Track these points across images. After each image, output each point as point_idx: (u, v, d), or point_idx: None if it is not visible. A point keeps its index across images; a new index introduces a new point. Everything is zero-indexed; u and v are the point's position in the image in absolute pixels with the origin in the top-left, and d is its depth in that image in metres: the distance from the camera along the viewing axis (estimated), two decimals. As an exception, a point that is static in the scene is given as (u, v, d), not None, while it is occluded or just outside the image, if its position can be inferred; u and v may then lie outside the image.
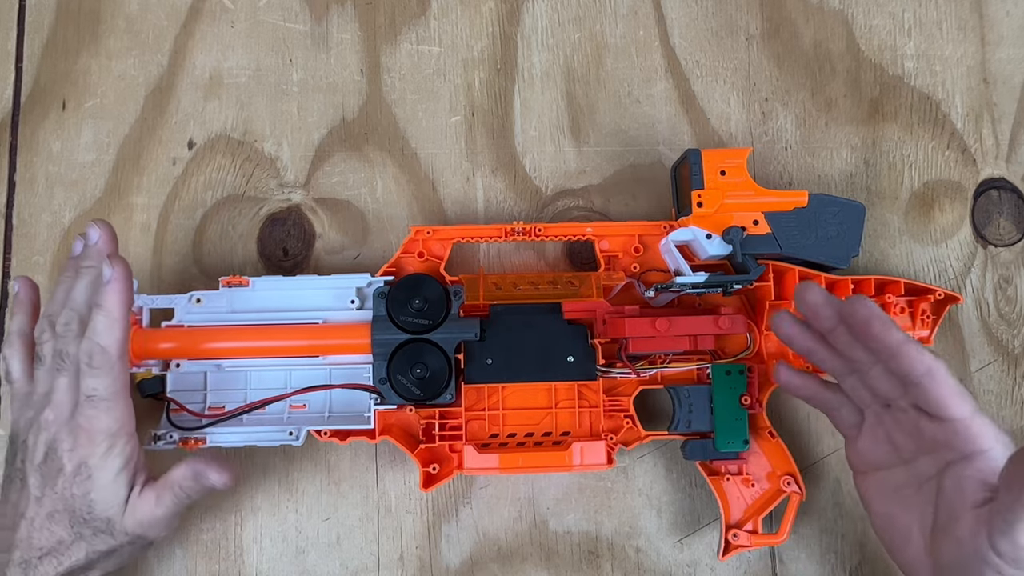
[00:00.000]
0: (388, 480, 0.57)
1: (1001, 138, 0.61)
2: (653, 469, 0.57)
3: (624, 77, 0.62)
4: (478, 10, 0.62)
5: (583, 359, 0.53)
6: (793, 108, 0.61)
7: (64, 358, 0.48)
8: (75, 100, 0.61)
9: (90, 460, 0.47)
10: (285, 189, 0.60)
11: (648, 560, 0.56)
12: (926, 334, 0.56)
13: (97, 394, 0.47)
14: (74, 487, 0.47)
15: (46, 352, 0.49)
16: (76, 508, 0.47)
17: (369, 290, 0.54)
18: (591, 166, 0.61)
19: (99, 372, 0.47)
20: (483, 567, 0.56)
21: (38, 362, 0.49)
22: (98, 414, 0.47)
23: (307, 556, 0.56)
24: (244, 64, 0.61)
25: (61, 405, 0.47)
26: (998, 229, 0.61)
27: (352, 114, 0.61)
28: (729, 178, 0.53)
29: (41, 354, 0.49)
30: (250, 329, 0.54)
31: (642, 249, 0.56)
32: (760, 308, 0.55)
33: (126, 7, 0.62)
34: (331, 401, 0.55)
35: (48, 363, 0.49)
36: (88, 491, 0.47)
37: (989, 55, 0.62)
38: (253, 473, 0.56)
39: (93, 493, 0.47)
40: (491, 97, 0.61)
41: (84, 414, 0.47)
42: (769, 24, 0.62)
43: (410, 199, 0.60)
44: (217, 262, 0.59)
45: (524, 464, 0.53)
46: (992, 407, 0.58)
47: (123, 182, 0.60)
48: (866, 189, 0.61)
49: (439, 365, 0.53)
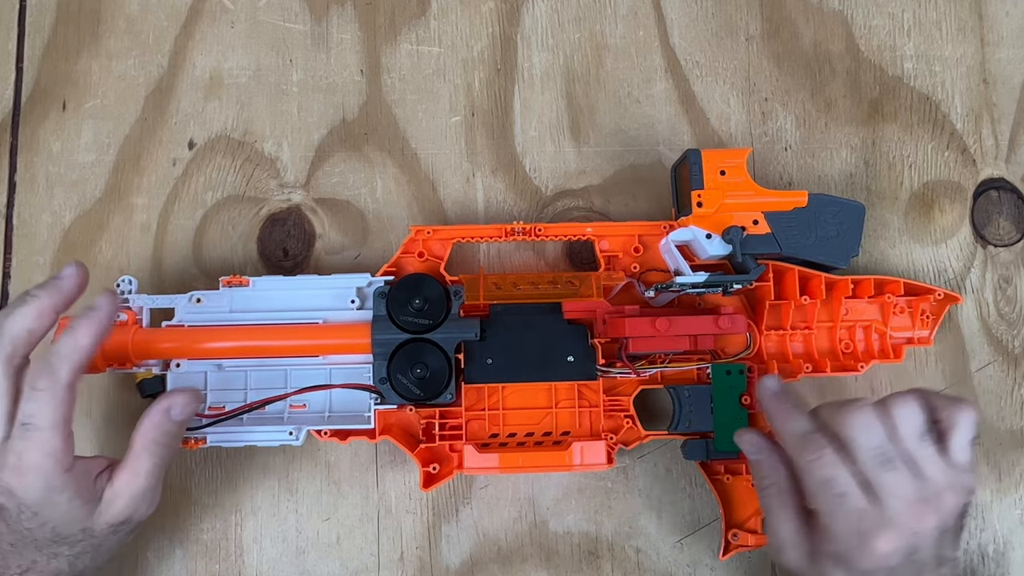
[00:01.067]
0: (388, 480, 0.57)
1: (1001, 138, 0.61)
2: (653, 469, 0.57)
3: (624, 77, 0.62)
4: (478, 10, 0.62)
5: (583, 359, 0.53)
6: (793, 108, 0.62)
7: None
8: (75, 100, 0.61)
9: (28, 499, 0.43)
10: (285, 189, 0.60)
11: (648, 560, 0.56)
12: (926, 334, 0.56)
13: (33, 422, 0.43)
14: (24, 522, 0.44)
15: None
16: (37, 537, 0.44)
17: (369, 290, 0.54)
18: (591, 166, 0.61)
19: (41, 397, 0.43)
20: (483, 567, 0.56)
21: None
22: (29, 448, 0.43)
23: (307, 556, 0.56)
24: (244, 64, 0.61)
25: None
26: (998, 229, 0.61)
27: (352, 114, 0.61)
28: (729, 178, 0.53)
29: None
30: (250, 329, 0.54)
31: (642, 249, 0.56)
32: (760, 308, 0.55)
33: (126, 8, 0.62)
34: (331, 401, 0.54)
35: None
36: (43, 523, 0.44)
37: (988, 55, 0.62)
38: (253, 473, 0.56)
39: (50, 523, 0.44)
40: (491, 97, 0.61)
41: (13, 448, 0.43)
42: (769, 24, 0.63)
43: (410, 199, 0.60)
44: (217, 262, 0.59)
45: (524, 464, 0.52)
46: (992, 407, 0.58)
47: (123, 182, 0.60)
48: (866, 189, 0.61)
49: (439, 365, 0.53)
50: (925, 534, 0.44)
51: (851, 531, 0.44)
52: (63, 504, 0.44)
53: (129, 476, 0.46)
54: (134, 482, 0.46)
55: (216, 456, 0.57)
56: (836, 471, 0.44)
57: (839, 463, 0.45)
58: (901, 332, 0.56)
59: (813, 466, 0.45)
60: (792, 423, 0.47)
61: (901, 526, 0.44)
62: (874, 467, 0.44)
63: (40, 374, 0.44)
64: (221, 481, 0.56)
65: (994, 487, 0.57)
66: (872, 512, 0.44)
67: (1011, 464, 0.57)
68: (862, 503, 0.44)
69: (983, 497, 0.57)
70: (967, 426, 0.45)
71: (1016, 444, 0.58)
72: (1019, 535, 0.57)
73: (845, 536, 0.45)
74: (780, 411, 0.48)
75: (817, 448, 0.45)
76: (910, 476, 0.44)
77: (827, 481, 0.45)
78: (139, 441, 0.47)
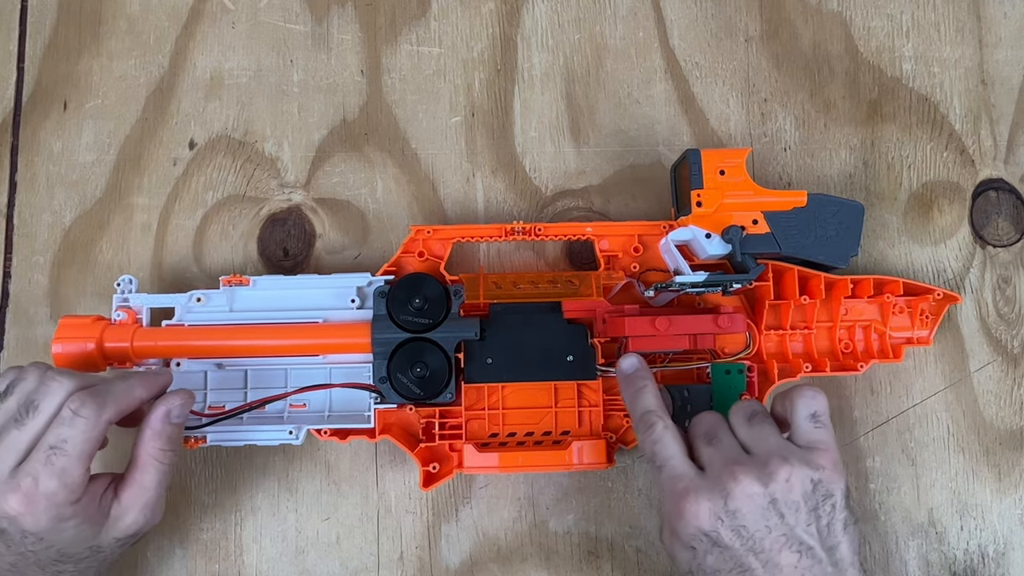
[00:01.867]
0: (388, 480, 0.57)
1: (999, 139, 0.62)
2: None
3: (624, 78, 0.62)
4: (478, 11, 0.62)
5: (583, 358, 0.53)
6: (792, 109, 0.62)
7: (31, 409, 0.43)
8: (76, 100, 0.61)
9: (33, 528, 0.42)
10: (285, 189, 0.60)
11: (648, 560, 0.56)
12: (925, 334, 0.57)
13: (64, 447, 0.42)
14: (27, 546, 0.43)
15: (13, 393, 0.44)
16: (41, 558, 0.43)
17: (369, 289, 0.54)
18: (591, 166, 0.61)
19: (80, 424, 0.42)
20: (483, 567, 0.56)
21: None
22: (49, 473, 0.42)
23: (307, 556, 0.56)
24: (245, 65, 0.61)
25: (0, 457, 0.43)
26: (997, 230, 0.61)
27: (352, 115, 0.61)
28: (728, 178, 0.53)
29: (2, 391, 0.44)
30: (250, 328, 0.54)
31: (642, 249, 0.56)
32: (760, 308, 0.55)
33: (127, 8, 0.62)
34: (331, 400, 0.55)
35: (7, 405, 0.44)
36: (49, 546, 0.43)
37: (987, 56, 0.63)
38: (253, 473, 0.56)
39: (56, 546, 0.43)
40: (491, 98, 0.61)
41: (29, 471, 0.42)
42: (768, 25, 0.63)
43: (410, 199, 0.60)
44: (217, 262, 0.59)
45: (524, 463, 0.52)
46: (992, 407, 0.58)
47: (124, 182, 0.60)
48: (865, 190, 0.61)
49: (439, 364, 0.53)
50: (740, 497, 0.43)
51: (670, 496, 0.45)
52: (70, 530, 0.44)
53: (136, 490, 0.46)
54: (141, 495, 0.46)
55: (216, 456, 0.57)
56: (660, 446, 0.47)
57: (664, 440, 0.47)
58: (900, 332, 0.56)
59: (643, 442, 0.48)
60: (637, 402, 0.49)
61: (712, 487, 0.44)
62: (699, 443, 0.47)
63: (87, 402, 0.43)
64: (221, 481, 0.56)
65: (994, 487, 0.57)
66: (688, 475, 0.45)
67: (1011, 464, 0.57)
68: (681, 469, 0.45)
69: (983, 497, 0.57)
70: (802, 404, 0.46)
71: (1016, 444, 0.58)
72: (1019, 535, 0.57)
73: (667, 502, 0.45)
74: (628, 390, 0.50)
75: (647, 426, 0.47)
76: (731, 446, 0.46)
77: (652, 455, 0.47)
78: (143, 453, 0.47)
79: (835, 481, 0.44)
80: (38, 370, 0.45)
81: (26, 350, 0.58)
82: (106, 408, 0.44)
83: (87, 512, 0.44)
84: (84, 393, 0.44)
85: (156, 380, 0.48)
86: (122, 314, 0.54)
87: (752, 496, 0.43)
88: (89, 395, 0.44)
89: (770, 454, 0.44)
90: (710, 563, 0.44)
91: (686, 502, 0.44)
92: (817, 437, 0.46)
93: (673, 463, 0.46)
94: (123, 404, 0.45)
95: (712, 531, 0.43)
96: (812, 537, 0.43)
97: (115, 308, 0.54)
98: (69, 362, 0.51)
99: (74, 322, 0.53)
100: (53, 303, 0.58)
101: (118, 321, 0.54)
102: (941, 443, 0.58)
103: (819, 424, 0.46)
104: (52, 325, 0.57)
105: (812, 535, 0.43)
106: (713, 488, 0.44)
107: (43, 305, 0.58)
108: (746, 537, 0.43)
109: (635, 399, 0.49)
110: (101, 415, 0.43)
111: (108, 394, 0.44)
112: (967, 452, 0.57)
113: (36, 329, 0.58)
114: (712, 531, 0.43)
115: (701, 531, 0.44)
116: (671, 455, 0.46)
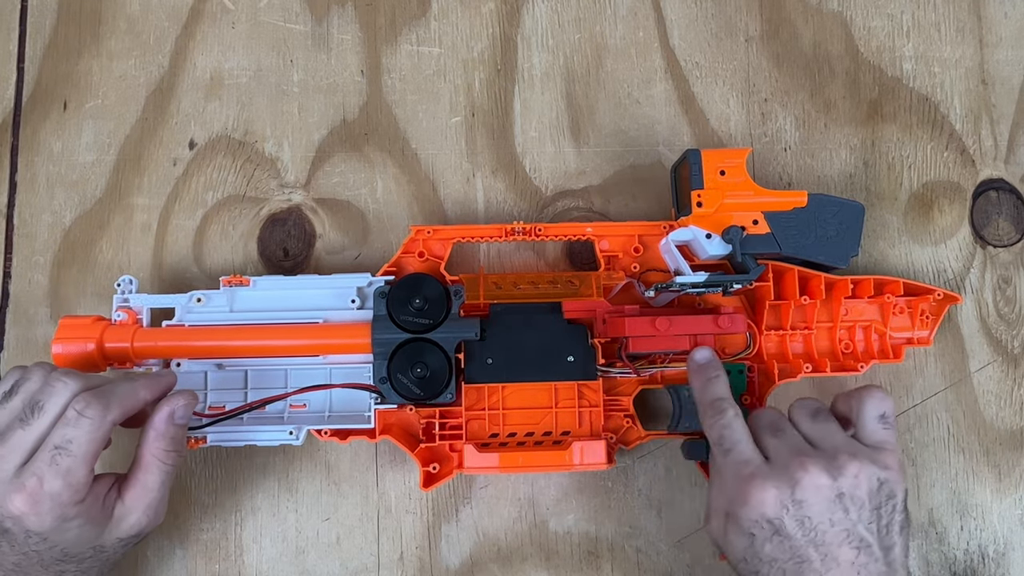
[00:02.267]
0: (388, 480, 0.57)
1: (1000, 139, 0.62)
2: (653, 469, 0.57)
3: (624, 78, 0.62)
4: (478, 11, 0.62)
5: (583, 358, 0.53)
6: (792, 109, 0.62)
7: (36, 409, 0.43)
8: (76, 100, 0.61)
9: (37, 528, 0.42)
10: (286, 189, 0.60)
11: (648, 560, 0.56)
12: (925, 334, 0.57)
13: (69, 448, 0.42)
14: (31, 546, 0.43)
15: (19, 393, 0.44)
16: (45, 558, 0.43)
17: (369, 290, 0.54)
18: (591, 167, 0.61)
19: (85, 425, 0.42)
20: (483, 567, 0.56)
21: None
22: (53, 473, 0.42)
23: (307, 556, 0.56)
24: (245, 65, 0.61)
25: (5, 457, 0.43)
26: (997, 230, 0.61)
27: (352, 115, 0.61)
28: (729, 178, 0.53)
29: (7, 390, 0.44)
30: (250, 328, 0.54)
31: (642, 249, 0.56)
32: (760, 308, 0.55)
33: (127, 8, 0.62)
34: (331, 401, 0.55)
35: (12, 405, 0.44)
36: (52, 546, 0.43)
37: (987, 56, 0.63)
38: (253, 473, 0.56)
39: (60, 546, 0.43)
40: (491, 98, 0.61)
41: (35, 471, 0.42)
42: (768, 25, 0.63)
43: (410, 199, 0.60)
44: (217, 262, 0.59)
45: (524, 463, 0.52)
46: (992, 407, 0.58)
47: (124, 182, 0.60)
48: (865, 190, 0.61)
49: (439, 364, 0.53)
50: (808, 487, 0.43)
51: (734, 480, 0.45)
52: (74, 530, 0.44)
53: (140, 490, 0.46)
54: (145, 496, 0.46)
55: (216, 456, 0.57)
56: (729, 431, 0.47)
57: (734, 426, 0.47)
58: (901, 332, 0.56)
59: (712, 427, 0.48)
60: (709, 389, 0.49)
61: (780, 475, 0.44)
62: (763, 434, 0.47)
63: (91, 403, 0.43)
64: (221, 481, 0.56)
65: (994, 487, 0.57)
66: (755, 461, 0.45)
67: (1011, 464, 0.57)
68: (749, 455, 0.45)
69: (983, 497, 0.57)
70: (871, 404, 0.47)
71: (1016, 444, 0.58)
72: (1019, 535, 0.57)
73: (730, 487, 0.45)
74: (699, 379, 0.51)
75: (718, 412, 0.48)
76: (798, 439, 0.46)
77: (719, 438, 0.47)
78: (147, 454, 0.47)
79: (898, 483, 0.45)
80: (43, 370, 0.45)
81: (26, 350, 0.58)
82: (111, 409, 0.44)
83: (91, 512, 0.45)
84: (89, 394, 0.44)
85: (160, 381, 0.48)
86: (122, 314, 0.54)
87: (820, 488, 0.43)
88: (94, 396, 0.44)
89: (838, 450, 0.45)
90: (767, 551, 0.43)
91: (752, 487, 0.44)
92: (884, 437, 0.46)
93: (741, 447, 0.46)
94: (128, 405, 0.45)
95: (776, 518, 0.43)
96: (872, 535, 0.44)
97: (115, 308, 0.54)
98: (69, 362, 0.51)
99: (74, 322, 0.53)
100: (53, 303, 0.58)
101: (118, 321, 0.54)
102: (941, 443, 0.58)
103: (887, 425, 0.47)
104: (52, 325, 0.57)
105: (872, 533, 0.44)
106: (781, 476, 0.44)
107: (43, 305, 0.58)
108: (808, 528, 0.43)
109: (707, 386, 0.50)
110: (106, 416, 0.44)
111: (113, 395, 0.45)
112: (967, 452, 0.57)
113: (36, 329, 0.58)
114: (776, 518, 0.43)
115: (765, 517, 0.44)
116: (740, 439, 0.46)
